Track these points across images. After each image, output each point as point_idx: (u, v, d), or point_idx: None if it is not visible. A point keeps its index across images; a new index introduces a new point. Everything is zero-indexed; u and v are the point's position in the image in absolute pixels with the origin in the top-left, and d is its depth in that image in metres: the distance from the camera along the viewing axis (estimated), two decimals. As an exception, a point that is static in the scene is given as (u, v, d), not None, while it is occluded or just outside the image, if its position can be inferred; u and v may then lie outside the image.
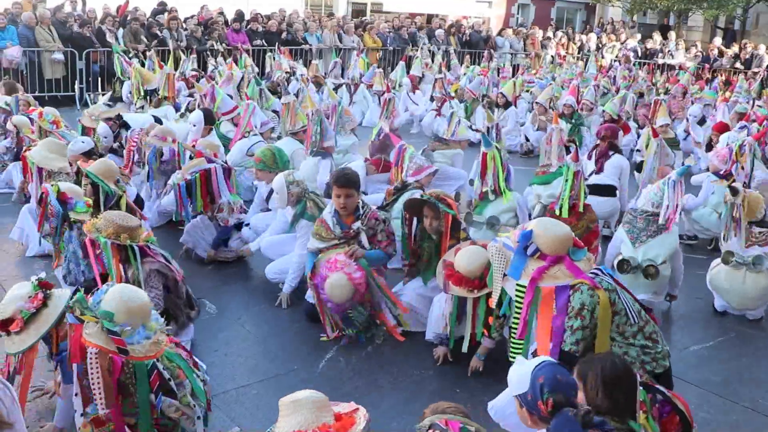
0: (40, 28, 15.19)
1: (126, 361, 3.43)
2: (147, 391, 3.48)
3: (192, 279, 5.77)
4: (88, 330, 3.46)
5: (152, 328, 3.63)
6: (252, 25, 18.49)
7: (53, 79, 15.40)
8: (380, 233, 5.73)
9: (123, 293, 3.61)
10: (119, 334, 3.46)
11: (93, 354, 3.40)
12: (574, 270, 4.06)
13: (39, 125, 8.83)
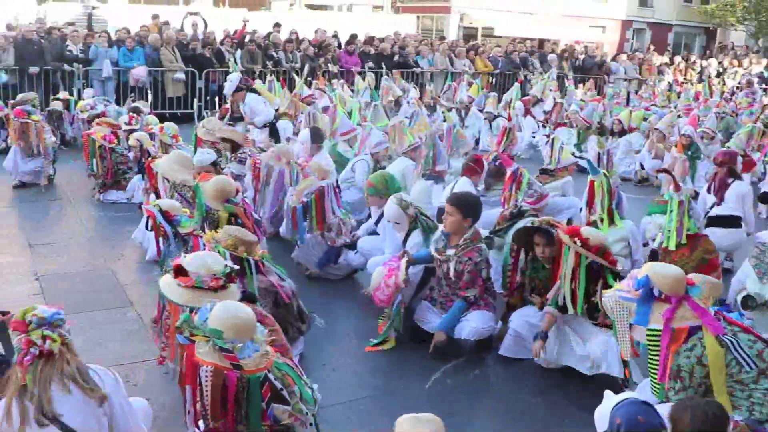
0: (164, 49, 15.95)
1: (240, 376, 3.49)
2: (260, 404, 3.52)
3: (302, 293, 5.85)
4: (200, 349, 3.56)
5: (259, 340, 3.67)
6: (365, 48, 18.75)
7: (174, 97, 16.16)
8: (467, 273, 5.58)
9: (228, 310, 3.64)
10: (231, 350, 3.51)
11: (208, 372, 3.49)
12: (699, 310, 3.94)
13: (160, 139, 9.26)
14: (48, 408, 3.02)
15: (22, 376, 3.04)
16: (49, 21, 18.90)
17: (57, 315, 3.16)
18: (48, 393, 3.03)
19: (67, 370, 3.10)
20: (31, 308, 3.15)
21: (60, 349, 3.12)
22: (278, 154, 7.98)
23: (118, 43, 15.98)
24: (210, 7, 28.37)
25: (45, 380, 3.05)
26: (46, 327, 3.11)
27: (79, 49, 15.60)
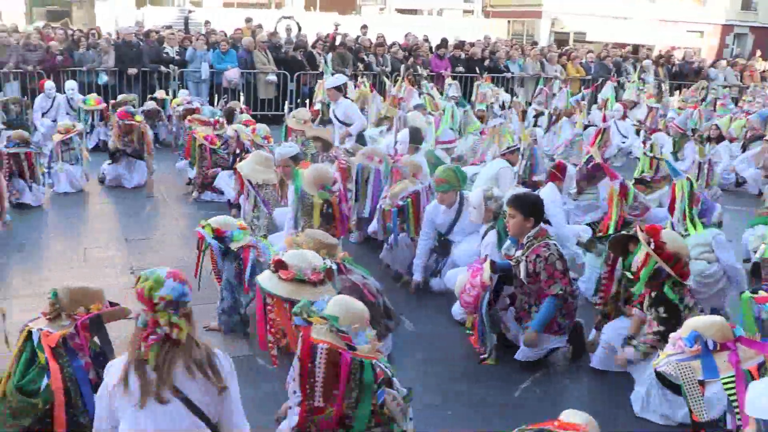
0: (257, 51, 16.19)
1: (354, 357, 3.58)
2: (372, 384, 3.59)
3: (389, 295, 5.79)
4: (316, 330, 3.67)
5: (369, 336, 3.79)
6: (455, 52, 18.64)
7: (266, 99, 16.37)
8: (542, 272, 5.31)
9: (343, 301, 3.84)
10: (347, 332, 3.65)
11: (323, 350, 3.58)
12: (757, 345, 4.05)
13: (252, 139, 9.40)
14: (171, 383, 3.06)
15: (146, 352, 3.07)
16: (147, 24, 19.51)
17: (183, 296, 3.13)
18: (171, 374, 3.06)
19: (195, 355, 3.12)
20: (158, 284, 3.07)
21: (187, 335, 3.12)
22: (370, 154, 7.96)
23: (212, 46, 16.32)
24: (301, 10, 28.74)
25: (170, 363, 3.07)
26: (173, 309, 3.09)
27: (175, 51, 16.01)
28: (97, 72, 15.32)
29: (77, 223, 8.99)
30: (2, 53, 14.91)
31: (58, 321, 3.92)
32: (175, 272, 3.16)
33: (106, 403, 3.15)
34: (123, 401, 3.06)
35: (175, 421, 3.09)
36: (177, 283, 3.10)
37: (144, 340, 3.07)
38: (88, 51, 15.47)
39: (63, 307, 3.93)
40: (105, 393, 3.14)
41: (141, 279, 3.12)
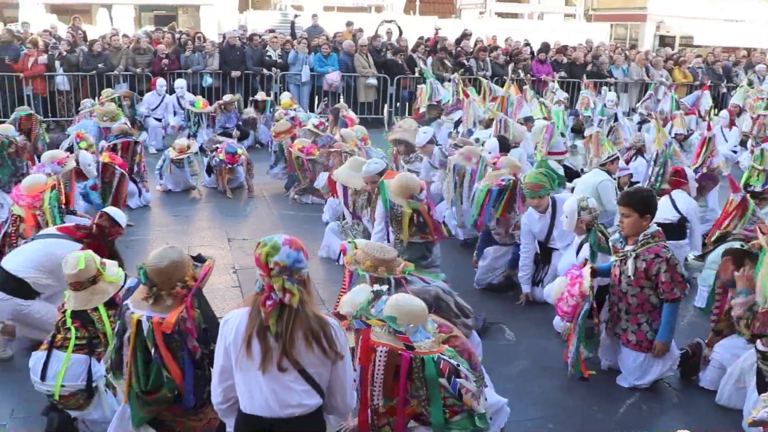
0: (358, 55, 16.27)
1: (413, 356, 3.61)
2: (437, 379, 3.60)
3: (487, 305, 5.66)
4: (375, 332, 3.69)
5: (430, 330, 3.79)
6: (557, 57, 18.27)
7: (366, 102, 16.43)
8: (663, 273, 5.07)
9: (400, 299, 3.83)
10: (405, 332, 3.65)
11: (383, 353, 3.62)
12: None
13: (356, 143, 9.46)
14: (292, 356, 3.12)
15: (266, 318, 3.12)
16: (249, 28, 19.89)
17: (297, 262, 3.14)
18: (294, 343, 3.12)
19: (312, 324, 3.15)
20: (274, 250, 3.11)
21: (301, 299, 3.14)
22: (468, 155, 7.86)
23: (313, 49, 16.48)
24: (400, 14, 28.78)
25: (291, 332, 3.12)
26: (287, 276, 3.11)
27: (277, 55, 16.24)
28: (201, 74, 15.70)
29: (182, 221, 9.22)
30: (114, 56, 15.48)
31: (161, 303, 3.84)
32: (292, 240, 3.19)
33: (222, 358, 3.24)
34: (243, 360, 3.15)
35: (291, 389, 3.18)
36: (292, 251, 3.13)
37: (263, 305, 3.12)
38: (194, 54, 15.86)
39: (161, 288, 3.83)
40: (222, 348, 3.24)
41: (260, 245, 3.17)
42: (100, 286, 4.50)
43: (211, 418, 3.94)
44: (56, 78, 15.16)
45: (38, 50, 15.08)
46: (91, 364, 4.42)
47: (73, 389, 4.39)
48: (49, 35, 16.58)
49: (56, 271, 5.17)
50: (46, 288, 5.43)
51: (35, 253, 5.44)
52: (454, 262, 7.72)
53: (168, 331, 3.75)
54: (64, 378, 4.36)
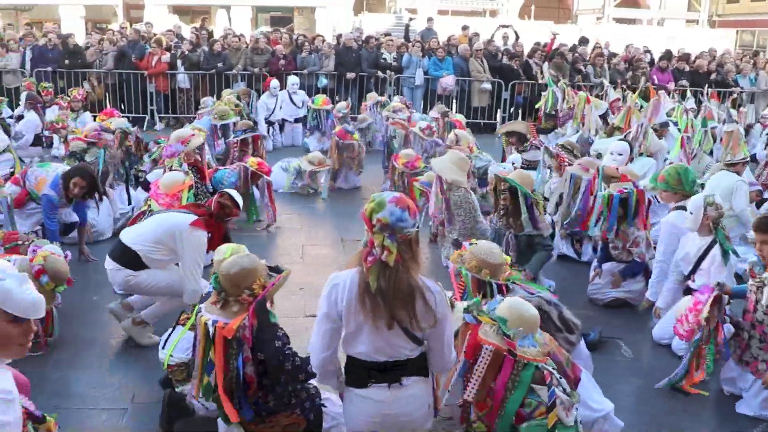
0: (473, 59, 16.11)
1: (517, 362, 3.68)
2: (530, 378, 3.68)
3: (603, 317, 5.44)
4: (484, 330, 3.80)
5: (538, 340, 3.82)
6: (679, 65, 17.60)
7: (479, 107, 16.24)
8: None
9: (515, 304, 3.91)
10: (512, 337, 3.72)
11: (488, 351, 3.71)
12: None
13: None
14: (396, 314, 3.19)
15: (366, 273, 3.17)
16: (364, 30, 20.03)
17: (400, 221, 3.13)
18: (395, 302, 3.16)
19: (408, 289, 3.18)
20: (379, 207, 3.14)
21: (401, 259, 3.15)
22: (586, 165, 7.60)
23: (428, 53, 16.43)
24: (515, 19, 28.44)
25: (394, 290, 3.16)
26: (388, 233, 3.12)
27: (392, 57, 16.27)
28: (317, 75, 15.88)
29: (298, 220, 9.30)
30: (233, 56, 15.87)
31: (228, 308, 3.92)
32: (400, 198, 3.20)
33: (329, 322, 3.30)
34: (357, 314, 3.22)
35: (396, 345, 3.28)
36: (397, 209, 3.13)
37: (364, 260, 3.17)
38: (310, 55, 16.08)
39: (229, 294, 3.92)
40: (327, 311, 3.28)
41: (369, 200, 3.22)
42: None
43: (285, 425, 4.00)
44: (178, 76, 15.69)
45: (162, 49, 15.64)
46: None
47: (179, 361, 4.59)
48: (173, 35, 17.15)
49: (166, 240, 5.41)
50: (154, 263, 5.52)
51: (148, 225, 5.63)
52: (568, 272, 7.53)
53: (229, 335, 3.79)
54: (174, 349, 4.60)
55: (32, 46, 15.87)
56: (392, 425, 3.38)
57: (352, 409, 3.46)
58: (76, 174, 7.15)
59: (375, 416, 3.38)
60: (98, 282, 6.78)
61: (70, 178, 7.10)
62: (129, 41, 16.13)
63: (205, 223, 5.44)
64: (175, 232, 5.39)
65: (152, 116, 15.81)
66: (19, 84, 15.16)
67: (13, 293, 2.57)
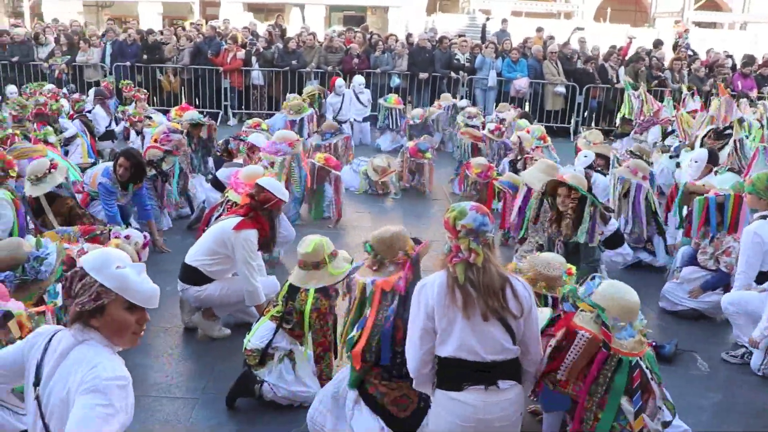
0: (548, 62, 15.87)
1: (611, 355, 3.63)
2: (623, 386, 3.61)
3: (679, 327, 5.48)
4: (580, 317, 3.75)
5: (636, 327, 3.74)
6: (762, 70, 17.02)
7: (552, 110, 16.00)
8: None
9: (616, 290, 3.80)
10: (609, 328, 3.65)
11: (584, 337, 3.66)
12: None
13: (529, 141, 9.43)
14: (490, 305, 3.33)
15: (454, 270, 3.36)
16: (438, 30, 19.92)
17: (483, 226, 3.37)
18: (487, 292, 3.33)
19: (498, 283, 3.37)
20: (462, 214, 3.37)
21: (486, 259, 3.36)
22: (635, 168, 7.45)
23: (501, 54, 16.25)
24: (590, 21, 27.97)
25: (484, 282, 3.34)
26: (473, 237, 3.35)
27: (465, 58, 16.14)
28: (389, 74, 15.87)
29: (368, 218, 9.33)
30: (307, 54, 15.99)
31: (384, 269, 4.27)
32: (479, 206, 3.46)
33: (422, 321, 3.42)
34: (448, 309, 3.35)
35: (493, 336, 3.37)
36: (478, 215, 3.38)
37: (450, 262, 3.37)
38: (384, 54, 16.08)
39: (384, 256, 4.27)
40: (421, 312, 3.42)
41: (449, 210, 3.47)
42: (321, 272, 4.73)
43: (404, 394, 4.09)
44: (252, 73, 15.88)
45: (237, 46, 15.86)
46: (276, 334, 4.71)
47: (253, 347, 4.69)
48: (248, 32, 17.36)
49: (218, 249, 5.54)
50: (215, 274, 5.63)
51: (202, 240, 5.73)
52: (638, 281, 7.27)
53: (388, 288, 4.05)
54: (253, 336, 4.75)
55: (113, 42, 16.27)
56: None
57: (443, 414, 3.45)
58: (121, 155, 7.39)
59: (468, 421, 3.37)
60: (171, 273, 6.90)
61: (117, 161, 7.33)
62: (205, 38, 16.40)
63: (249, 221, 5.51)
64: (224, 238, 5.50)
65: (226, 111, 16.04)
66: (99, 78, 15.61)
67: (133, 282, 2.68)
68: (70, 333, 2.70)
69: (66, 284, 2.72)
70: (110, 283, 2.64)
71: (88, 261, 2.70)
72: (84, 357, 2.62)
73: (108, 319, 2.66)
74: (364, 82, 14.52)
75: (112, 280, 2.64)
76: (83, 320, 2.67)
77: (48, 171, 6.76)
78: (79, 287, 2.66)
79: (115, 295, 2.64)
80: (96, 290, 2.63)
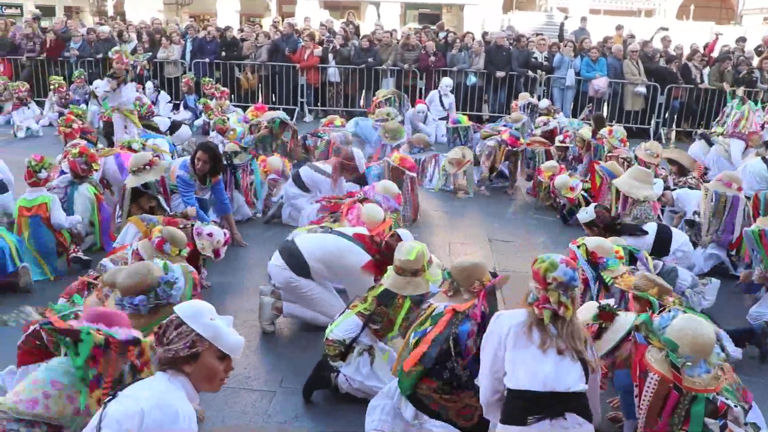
0: (628, 61, 15.46)
1: (683, 396, 3.52)
2: (701, 421, 3.50)
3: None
4: (652, 354, 3.66)
5: (712, 363, 3.60)
6: None
7: (632, 111, 15.59)
8: None
9: (690, 326, 3.64)
10: (680, 367, 3.53)
11: (654, 380, 3.59)
12: None
13: (609, 142, 9.33)
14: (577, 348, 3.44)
15: (540, 312, 3.44)
16: (517, 29, 19.69)
17: (573, 280, 3.45)
18: (575, 342, 3.44)
19: (581, 337, 3.50)
20: (553, 267, 3.45)
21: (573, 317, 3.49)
22: (727, 180, 7.12)
23: (580, 53, 15.92)
24: (673, 19, 27.25)
25: (570, 336, 3.45)
26: (563, 290, 3.43)
27: (543, 57, 15.89)
28: (466, 73, 15.75)
29: (446, 217, 9.27)
30: (384, 51, 15.99)
31: (459, 296, 4.35)
32: (568, 260, 3.52)
33: (494, 349, 3.52)
34: (523, 341, 3.45)
35: (562, 371, 3.40)
36: (569, 269, 3.46)
37: (537, 307, 3.44)
38: (460, 53, 15.95)
39: (460, 284, 4.35)
40: (494, 341, 3.53)
41: (538, 261, 3.52)
42: (419, 280, 4.73)
43: (467, 404, 4.08)
44: (328, 70, 15.98)
45: (314, 43, 15.97)
46: (362, 332, 4.72)
47: (336, 338, 4.71)
48: (325, 29, 17.46)
49: (334, 268, 5.63)
50: (318, 277, 5.67)
51: (329, 248, 5.66)
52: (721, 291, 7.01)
53: (460, 309, 4.12)
54: (338, 327, 4.76)
55: (192, 39, 16.58)
56: None
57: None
58: (199, 149, 7.54)
59: None
60: (251, 269, 7.01)
61: (196, 154, 7.47)
62: (283, 35, 16.55)
63: (375, 265, 5.48)
64: (347, 267, 5.53)
65: (302, 108, 16.16)
66: (179, 74, 15.96)
67: (224, 332, 2.94)
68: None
69: (159, 331, 2.91)
70: (206, 333, 2.87)
71: (184, 310, 2.93)
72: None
73: (200, 366, 2.89)
74: (451, 85, 14.36)
75: (207, 329, 2.88)
76: (177, 366, 2.88)
77: (145, 166, 7.03)
78: (174, 335, 2.87)
79: (209, 344, 2.88)
80: (192, 338, 2.85)
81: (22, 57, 16.51)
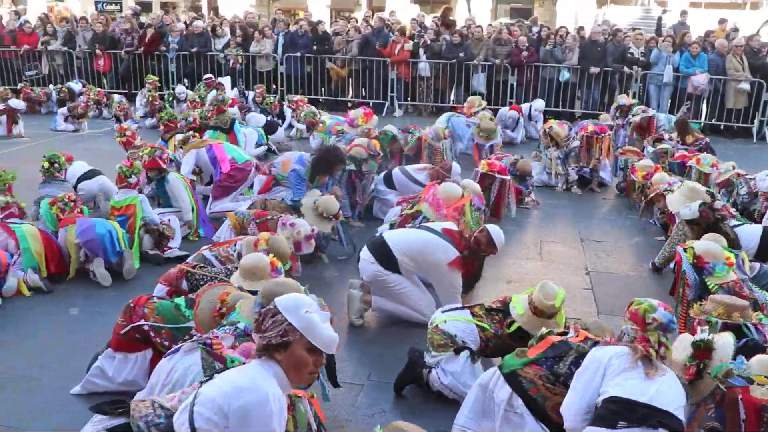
0: (731, 56, 14.77)
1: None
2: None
3: None
4: (758, 389, 3.62)
5: None
6: None
7: (734, 109, 14.91)
8: None
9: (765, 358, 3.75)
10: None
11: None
12: None
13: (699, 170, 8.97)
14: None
15: (644, 347, 3.51)
16: (612, 22, 19.18)
17: (672, 323, 3.60)
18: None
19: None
20: (652, 308, 3.61)
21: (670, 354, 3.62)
22: None
23: (680, 48, 15.33)
24: None
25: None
26: (661, 331, 3.58)
27: (640, 52, 15.38)
28: (559, 69, 15.42)
29: (537, 216, 9.14)
30: (475, 46, 15.82)
31: None
32: (665, 304, 3.72)
33: (591, 373, 3.55)
34: (625, 373, 3.45)
35: (662, 392, 3.37)
36: (667, 312, 3.64)
37: (641, 345, 3.52)
38: (554, 48, 15.63)
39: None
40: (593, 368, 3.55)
41: (635, 302, 3.72)
42: (551, 321, 4.62)
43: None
44: (419, 64, 15.93)
45: (405, 37, 15.94)
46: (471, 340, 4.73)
47: (449, 332, 4.69)
48: (416, 24, 17.40)
49: (419, 262, 5.66)
50: (406, 272, 5.70)
51: (416, 242, 5.72)
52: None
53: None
54: (452, 321, 4.77)
55: (284, 33, 16.78)
56: None
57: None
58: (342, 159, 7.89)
59: None
60: (346, 264, 7.09)
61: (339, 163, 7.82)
62: (374, 29, 16.56)
63: (462, 262, 5.56)
64: (435, 261, 5.58)
65: (392, 102, 16.15)
66: (270, 68, 16.21)
67: (317, 327, 2.98)
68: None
69: (259, 318, 3.02)
70: (298, 324, 2.93)
71: (282, 301, 3.02)
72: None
73: (290, 355, 2.95)
74: (543, 107, 13.96)
75: (301, 321, 2.94)
76: (269, 353, 2.96)
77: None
78: (270, 323, 2.95)
79: (300, 335, 2.93)
80: (284, 328, 2.93)
81: (121, 51, 17.04)
